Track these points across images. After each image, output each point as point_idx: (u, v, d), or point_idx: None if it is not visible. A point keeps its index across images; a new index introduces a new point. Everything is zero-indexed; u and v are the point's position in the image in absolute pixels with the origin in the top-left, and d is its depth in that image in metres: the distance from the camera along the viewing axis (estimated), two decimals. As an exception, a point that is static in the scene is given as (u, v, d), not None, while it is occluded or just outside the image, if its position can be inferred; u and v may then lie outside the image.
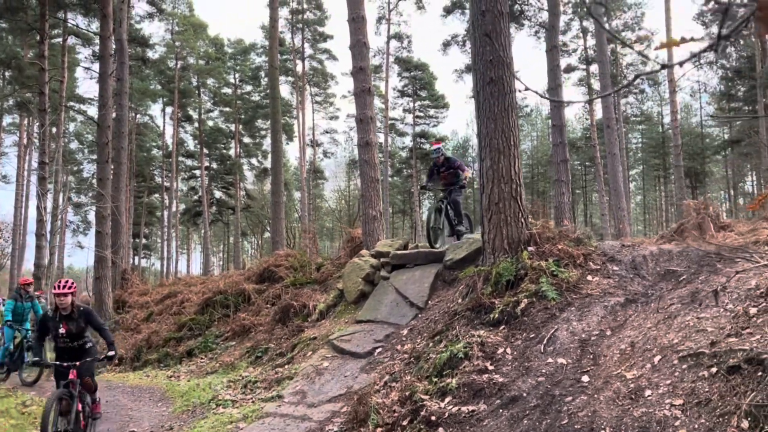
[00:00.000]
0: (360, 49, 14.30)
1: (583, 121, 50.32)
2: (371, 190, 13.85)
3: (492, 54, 8.10)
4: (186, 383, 10.52)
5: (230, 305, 14.27)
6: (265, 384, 8.84)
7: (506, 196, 8.03)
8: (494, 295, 7.45)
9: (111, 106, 20.48)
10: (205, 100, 49.71)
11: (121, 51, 21.90)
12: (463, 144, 59.70)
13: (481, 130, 8.40)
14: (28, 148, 42.47)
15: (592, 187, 51.40)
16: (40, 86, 22.57)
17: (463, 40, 39.97)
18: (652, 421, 4.43)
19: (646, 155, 52.85)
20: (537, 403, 5.35)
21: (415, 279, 9.91)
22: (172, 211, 50.16)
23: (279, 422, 6.94)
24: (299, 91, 47.56)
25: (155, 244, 58.43)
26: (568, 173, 19.24)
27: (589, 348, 5.93)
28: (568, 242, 7.90)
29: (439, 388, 6.14)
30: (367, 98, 14.23)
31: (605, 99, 24.78)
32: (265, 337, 11.67)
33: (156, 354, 13.66)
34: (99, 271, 18.55)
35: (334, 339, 9.21)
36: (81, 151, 49.56)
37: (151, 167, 51.07)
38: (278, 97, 26.55)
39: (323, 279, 13.51)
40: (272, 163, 26.17)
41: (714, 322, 5.26)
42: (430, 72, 49.66)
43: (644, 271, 7.39)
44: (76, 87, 42.78)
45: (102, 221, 18.66)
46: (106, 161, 19.40)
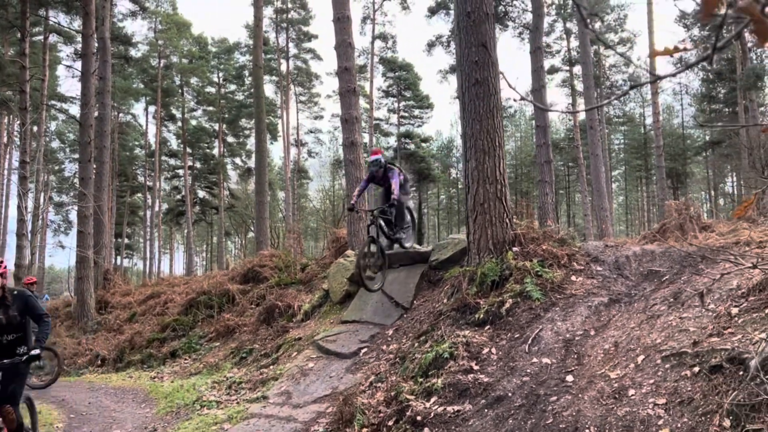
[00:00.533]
0: (345, 50, 14.28)
1: (566, 122, 50.72)
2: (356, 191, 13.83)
3: (477, 55, 8.14)
4: (170, 384, 10.44)
5: (214, 306, 14.19)
6: (250, 385, 8.80)
7: (491, 196, 8.07)
8: (479, 295, 7.48)
9: (93, 104, 20.27)
10: (188, 99, 49.38)
11: (103, 49, 21.69)
12: (448, 145, 59.89)
13: (466, 131, 8.43)
14: (8, 147, 41.88)
15: (575, 188, 51.79)
16: (21, 84, 22.27)
17: (448, 40, 40.07)
18: (636, 420, 4.48)
19: (629, 156, 53.37)
20: (522, 403, 5.39)
21: (401, 279, 9.92)
22: (154, 210, 49.80)
23: (264, 423, 6.92)
24: (283, 91, 47.41)
25: (138, 244, 57.94)
26: (552, 174, 19.38)
27: (574, 348, 5.98)
28: (553, 243, 7.96)
29: (424, 389, 6.16)
30: (352, 98, 14.22)
31: (588, 101, 25.00)
32: (249, 337, 11.62)
33: (139, 355, 13.55)
34: (81, 271, 18.35)
35: (320, 339, 9.20)
36: (62, 150, 49.03)
37: (134, 166, 50.64)
38: (263, 96, 26.46)
39: (308, 279, 13.48)
40: (256, 162, 26.06)
41: (696, 322, 5.33)
42: (414, 72, 49.77)
43: (627, 271, 7.47)
44: (58, 85, 42.31)
45: (84, 221, 18.46)
46: (89, 160, 19.20)
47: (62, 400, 9.95)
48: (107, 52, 22.06)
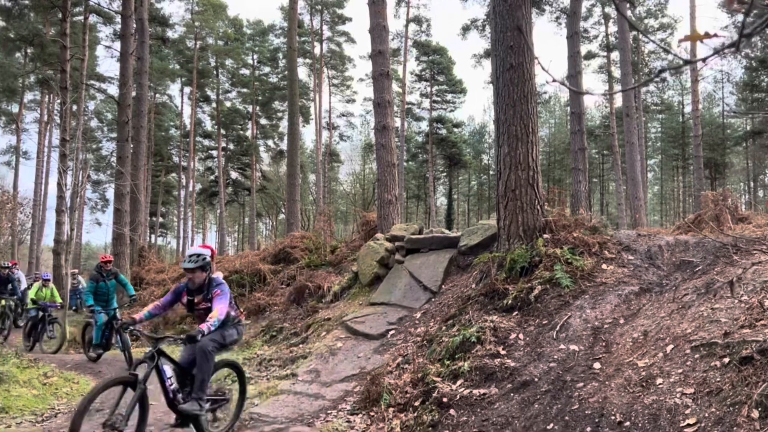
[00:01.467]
0: (379, 33, 14.28)
1: (603, 109, 49.89)
2: (387, 175, 13.89)
3: (512, 40, 8.08)
4: (202, 360, 10.68)
5: (246, 285, 14.44)
6: (280, 362, 8.98)
7: (522, 182, 8.05)
8: (508, 281, 7.50)
9: (131, 84, 20.63)
10: (223, 81, 49.81)
11: (141, 30, 22.01)
12: (480, 130, 59.42)
13: (499, 116, 8.40)
14: (49, 125, 42.91)
15: (609, 176, 51.01)
16: (62, 64, 22.78)
17: (483, 24, 39.63)
18: (663, 408, 4.48)
19: (665, 145, 52.29)
20: (548, 388, 5.42)
21: (430, 263, 9.97)
22: (188, 190, 50.59)
23: (293, 399, 7.07)
24: (317, 74, 47.50)
25: (171, 223, 59.03)
26: (586, 162, 19.16)
27: (602, 336, 5.97)
28: (584, 230, 7.92)
29: (451, 371, 6.23)
30: (385, 82, 14.24)
31: (625, 87, 24.52)
32: (280, 316, 11.83)
33: (172, 330, 13.86)
34: (117, 248, 18.81)
35: (348, 320, 9.32)
36: (100, 130, 49.99)
37: (169, 147, 51.41)
38: (296, 79, 26.58)
39: (337, 261, 13.63)
40: (288, 144, 26.26)
41: (728, 313, 5.27)
42: (448, 56, 49.35)
43: (659, 261, 7.40)
44: (97, 65, 43.02)
45: (121, 199, 18.88)
46: (126, 140, 19.59)
47: (99, 372, 10.26)
48: (145, 33, 22.38)
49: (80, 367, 10.98)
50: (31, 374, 8.91)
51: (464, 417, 5.52)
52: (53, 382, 8.91)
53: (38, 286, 13.34)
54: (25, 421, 7.05)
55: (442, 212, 54.75)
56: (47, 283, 13.51)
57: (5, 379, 8.00)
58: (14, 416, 7.20)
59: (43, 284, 13.39)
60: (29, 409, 7.52)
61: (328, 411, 6.65)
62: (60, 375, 9.29)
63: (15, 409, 7.40)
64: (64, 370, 10.00)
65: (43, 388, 8.52)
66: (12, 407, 7.42)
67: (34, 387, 8.43)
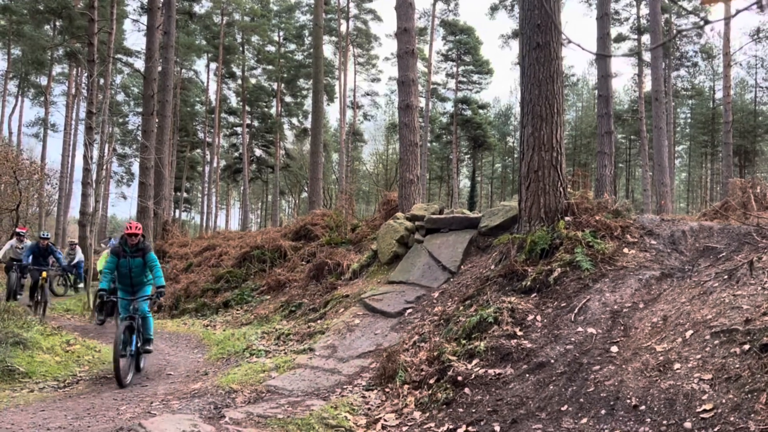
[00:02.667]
0: (405, 10, 14.14)
1: (631, 93, 49.02)
2: (409, 154, 13.84)
3: (540, 18, 7.94)
4: (221, 332, 10.86)
5: (267, 260, 14.57)
6: (298, 337, 9.06)
7: (546, 164, 7.96)
8: (528, 263, 7.45)
9: (157, 59, 20.74)
10: (248, 57, 49.87)
11: (168, 4, 22.06)
12: (506, 112, 58.88)
13: (524, 96, 8.29)
14: (76, 98, 43.39)
15: (636, 162, 50.26)
16: (89, 37, 22.95)
17: (512, 4, 39.04)
18: (679, 393, 4.44)
19: (694, 131, 51.33)
20: (564, 370, 5.39)
21: (449, 243, 9.95)
22: (213, 166, 50.98)
23: (309, 374, 7.14)
24: (342, 52, 47.30)
25: (196, 199, 59.65)
26: (612, 146, 18.86)
27: (621, 319, 5.92)
28: (606, 214, 7.82)
29: (467, 350, 6.23)
30: (410, 60, 14.12)
31: (656, 71, 24.04)
32: (299, 292, 11.92)
33: (194, 303, 14.08)
34: (141, 220, 19.05)
35: (366, 298, 9.36)
36: (127, 104, 50.48)
37: (194, 122, 51.77)
38: (321, 56, 26.49)
39: (358, 240, 13.67)
40: (312, 123, 26.27)
41: (750, 300, 5.18)
42: (475, 36, 48.78)
43: (682, 246, 7.28)
44: (124, 39, 43.34)
45: (146, 172, 19.09)
46: (152, 114, 19.75)
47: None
48: (172, 8, 22.43)
49: (103, 335, 11.23)
50: (54, 341, 9.11)
51: (479, 396, 5.52)
52: (75, 349, 9.11)
53: (105, 256, 13.40)
54: (47, 386, 7.23)
55: (464, 194, 54.56)
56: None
57: (29, 345, 8.20)
58: (37, 381, 7.39)
59: None
60: (52, 375, 7.71)
61: (343, 386, 6.70)
62: (82, 343, 9.49)
63: (38, 375, 7.60)
64: (87, 338, 10.22)
65: (65, 355, 8.71)
66: (35, 372, 7.62)
67: (57, 354, 8.62)
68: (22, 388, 7.00)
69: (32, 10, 33.15)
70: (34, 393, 6.85)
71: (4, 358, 7.36)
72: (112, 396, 6.65)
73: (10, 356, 7.52)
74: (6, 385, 6.99)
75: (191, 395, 6.43)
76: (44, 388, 7.13)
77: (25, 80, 43.99)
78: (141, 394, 6.72)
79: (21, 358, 7.71)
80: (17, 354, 7.72)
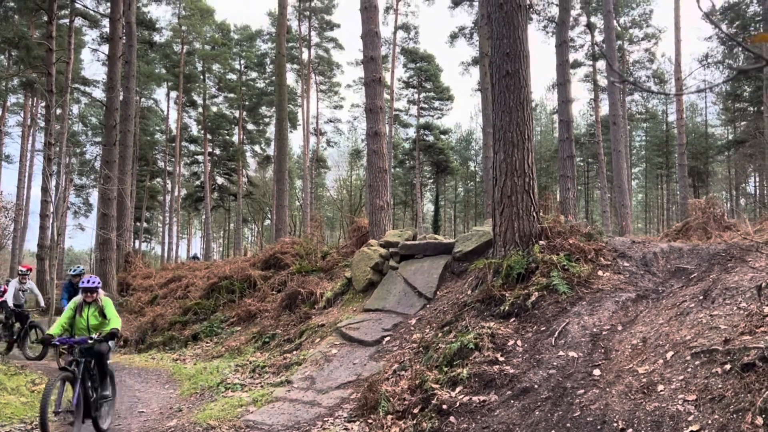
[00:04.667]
0: (371, 39, 14.30)
1: (588, 117, 50.31)
2: (379, 180, 13.88)
3: (509, 47, 8.11)
4: (193, 366, 10.59)
5: (236, 291, 14.35)
6: (274, 369, 8.90)
7: (519, 189, 8.07)
8: (505, 287, 7.50)
9: (119, 89, 20.46)
10: (209, 86, 49.56)
11: (129, 34, 21.86)
12: (467, 137, 59.69)
13: (495, 123, 8.42)
14: (32, 129, 42.40)
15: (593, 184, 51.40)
16: (47, 67, 22.56)
17: (471, 32, 39.83)
18: (665, 415, 4.49)
19: (649, 153, 52.86)
20: (548, 395, 5.41)
21: (424, 270, 9.96)
22: (174, 195, 50.19)
23: (289, 407, 7.01)
24: (304, 80, 47.44)
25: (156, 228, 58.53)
26: (574, 169, 19.27)
27: (601, 342, 5.98)
28: (580, 237, 7.95)
29: (449, 378, 6.20)
30: (377, 88, 14.24)
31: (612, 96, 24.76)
32: (271, 323, 11.74)
33: (161, 337, 13.73)
34: (103, 253, 18.59)
35: (343, 327, 9.28)
36: (85, 133, 49.51)
37: (154, 151, 51.02)
38: (285, 84, 26.51)
39: (329, 267, 13.58)
40: (277, 150, 26.16)
41: (727, 320, 5.31)
42: (436, 64, 49.57)
43: (655, 268, 7.45)
44: (82, 69, 42.66)
45: (108, 203, 18.68)
46: (114, 144, 19.40)
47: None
48: (133, 37, 22.23)
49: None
50: (19, 381, 8.79)
51: (464, 424, 5.50)
52: (41, 389, 8.76)
53: None
54: (14, 429, 6.93)
55: (428, 218, 54.86)
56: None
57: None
58: (3, 424, 7.07)
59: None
60: (18, 417, 7.39)
61: (324, 418, 6.59)
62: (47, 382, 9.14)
63: (4, 417, 7.28)
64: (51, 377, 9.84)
65: (31, 396, 8.39)
66: (0, 415, 7.30)
67: (22, 394, 8.30)
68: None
69: (-14, 40, 32.43)
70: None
71: (-33, 401, 7.03)
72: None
73: (-26, 399, 7.20)
74: (-30, 430, 6.68)
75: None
76: (11, 431, 6.83)
77: (-22, 110, 42.81)
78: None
79: (-15, 400, 7.39)
80: (-20, 397, 7.40)
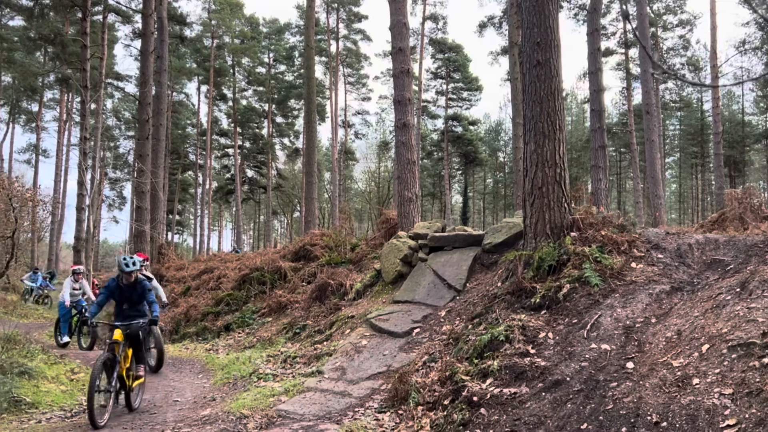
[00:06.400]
0: (400, 30, 14.25)
1: (620, 106, 49.47)
2: (407, 172, 13.86)
3: (540, 36, 8.01)
4: (225, 356, 10.76)
5: (266, 282, 14.50)
6: (305, 360, 8.99)
7: (550, 180, 7.98)
8: (536, 279, 7.45)
9: (151, 83, 20.76)
10: (239, 79, 50.06)
11: (161, 29, 22.14)
12: (496, 128, 59.25)
13: (525, 114, 8.33)
14: (68, 123, 43.33)
15: (626, 174, 50.61)
16: (82, 63, 22.99)
17: (500, 21, 39.43)
18: (701, 409, 4.42)
19: (684, 142, 51.80)
20: (581, 388, 5.37)
21: (453, 261, 9.94)
22: (205, 188, 50.91)
23: (320, 397, 7.07)
24: (332, 72, 47.55)
25: (188, 221, 59.46)
26: (606, 159, 18.99)
27: (634, 335, 5.91)
28: (612, 229, 7.84)
29: (480, 370, 6.19)
30: (405, 79, 14.20)
31: (645, 84, 24.30)
32: (302, 314, 11.85)
33: (194, 327, 13.96)
34: (138, 245, 18.94)
35: (372, 318, 9.31)
36: (118, 128, 50.43)
37: (186, 145, 51.76)
38: (313, 77, 26.60)
39: (358, 259, 13.63)
40: (306, 142, 26.30)
41: (765, 312, 5.19)
42: (464, 54, 49.25)
43: (690, 259, 7.31)
44: (115, 64, 43.40)
45: (142, 197, 19.01)
46: (146, 138, 19.71)
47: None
48: (165, 32, 22.51)
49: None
50: (59, 370, 9.02)
51: (495, 416, 5.48)
52: (80, 378, 9.00)
53: None
54: (54, 416, 7.12)
55: (457, 210, 54.69)
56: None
57: (34, 374, 8.09)
58: (44, 411, 7.28)
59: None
60: (58, 405, 7.59)
61: (355, 408, 6.64)
62: (86, 371, 9.37)
63: (44, 405, 7.48)
64: (89, 366, 10.10)
65: (70, 384, 8.61)
66: (41, 402, 7.51)
67: (62, 383, 8.52)
68: (30, 419, 6.88)
69: (24, 38, 33.18)
70: (42, 424, 6.74)
71: (10, 389, 7.24)
72: (121, 425, 6.55)
73: (16, 386, 7.41)
74: (13, 417, 6.88)
75: (202, 422, 6.35)
76: (51, 418, 7.02)
77: (16, 107, 43.89)
78: (151, 422, 6.62)
79: (27, 388, 7.60)
80: (23, 384, 7.61)
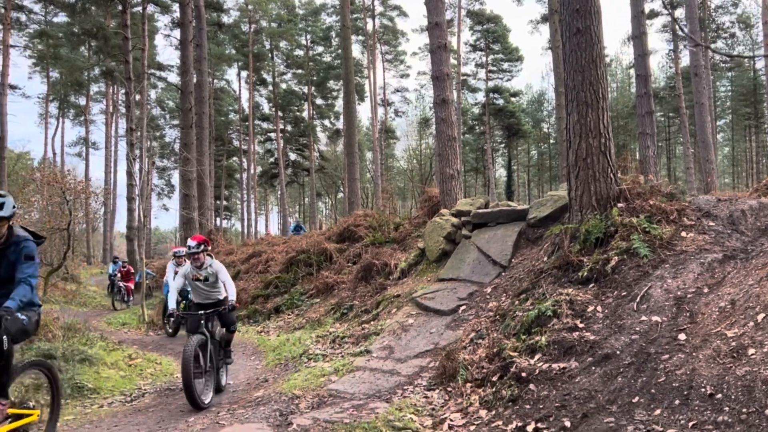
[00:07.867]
0: (435, 4, 14.06)
1: (667, 70, 47.83)
2: (448, 149, 13.75)
3: (579, 3, 7.79)
4: (276, 338, 10.99)
5: (313, 264, 14.68)
6: (353, 339, 9.11)
7: (594, 150, 7.80)
8: (582, 252, 7.33)
9: (192, 72, 21.06)
10: (278, 63, 50.35)
11: (198, 17, 22.39)
12: (538, 98, 58.10)
13: (567, 83, 8.15)
14: (114, 115, 44.46)
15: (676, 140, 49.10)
16: (125, 55, 23.48)
17: (539, -11, 38.44)
18: (757, 380, 4.31)
19: (736, 104, 49.83)
20: (631, 361, 5.29)
21: (498, 237, 9.86)
22: (250, 173, 51.65)
23: (369, 376, 7.16)
24: (370, 50, 47.33)
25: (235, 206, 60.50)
26: (654, 125, 18.44)
27: (686, 306, 5.77)
28: (660, 198, 7.64)
29: (527, 346, 6.16)
30: (443, 54, 14.02)
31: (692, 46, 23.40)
32: (348, 294, 11.97)
33: (245, 310, 14.27)
34: (187, 232, 19.40)
35: (418, 297, 9.35)
36: (163, 117, 51.48)
37: (229, 131, 52.52)
38: (351, 56, 26.55)
39: (401, 238, 13.66)
40: (345, 123, 26.35)
41: (824, 279, 5.01)
42: (503, 24, 48.31)
43: (743, 226, 7.08)
44: (156, 55, 44.17)
45: (188, 184, 19.42)
46: (190, 126, 20.07)
47: (178, 353, 10.68)
48: (202, 20, 22.76)
49: (160, 348, 11.48)
50: (117, 356, 9.36)
51: (545, 392, 5.46)
52: (137, 363, 9.33)
53: None
54: (115, 401, 7.41)
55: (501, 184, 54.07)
56: None
57: (94, 361, 8.43)
58: (105, 396, 7.59)
59: None
60: (118, 390, 7.90)
61: (404, 386, 6.70)
62: (143, 356, 9.72)
63: (105, 390, 7.80)
64: (146, 351, 10.47)
65: (129, 369, 8.94)
66: (102, 388, 7.82)
67: (120, 368, 8.85)
68: (92, 404, 7.19)
69: (68, 33, 34.06)
70: (104, 408, 7.03)
71: (73, 375, 7.57)
72: (179, 408, 6.78)
73: (78, 373, 7.74)
74: (77, 402, 7.19)
75: (255, 403, 6.51)
76: (113, 403, 7.32)
77: (65, 101, 45.24)
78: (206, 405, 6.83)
79: (88, 374, 7.93)
80: (84, 371, 7.94)
